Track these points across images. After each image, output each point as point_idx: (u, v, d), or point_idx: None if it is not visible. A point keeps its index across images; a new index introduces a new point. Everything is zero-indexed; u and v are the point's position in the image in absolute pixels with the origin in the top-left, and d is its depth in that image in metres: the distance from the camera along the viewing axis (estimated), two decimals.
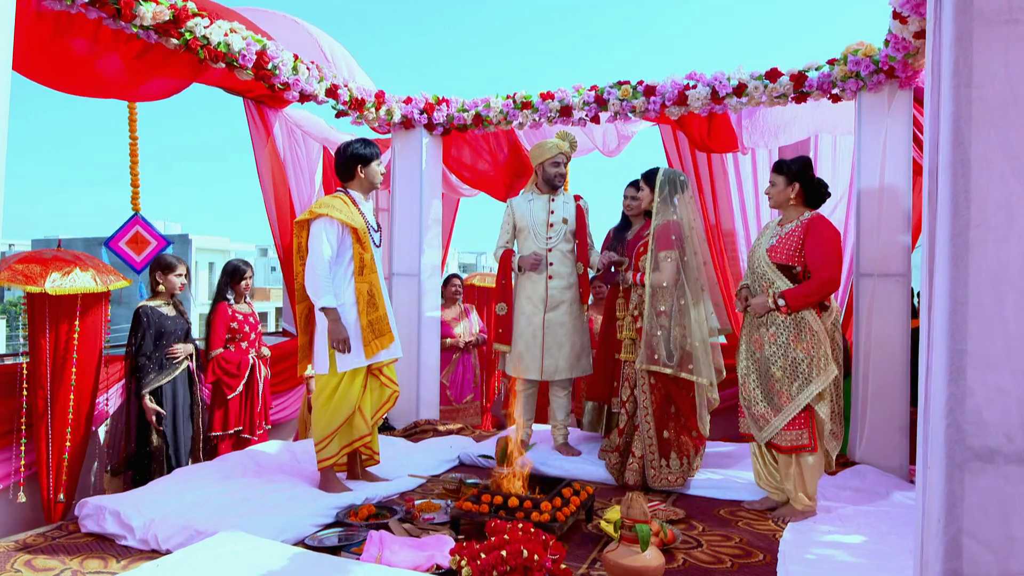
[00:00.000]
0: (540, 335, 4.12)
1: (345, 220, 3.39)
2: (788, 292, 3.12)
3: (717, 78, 4.17)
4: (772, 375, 3.16)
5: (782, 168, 3.28)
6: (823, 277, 3.09)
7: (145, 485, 3.36)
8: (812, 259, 3.13)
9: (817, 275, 3.10)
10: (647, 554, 2.45)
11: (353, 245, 3.44)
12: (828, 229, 3.19)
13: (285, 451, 3.96)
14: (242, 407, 4.44)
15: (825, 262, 3.10)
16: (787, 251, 3.21)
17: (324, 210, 3.38)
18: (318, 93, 4.04)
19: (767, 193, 3.35)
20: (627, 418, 3.75)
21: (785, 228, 3.27)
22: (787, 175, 3.25)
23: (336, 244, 3.40)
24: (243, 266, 4.53)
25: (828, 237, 3.15)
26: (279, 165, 5.49)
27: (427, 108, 4.79)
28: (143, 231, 4.88)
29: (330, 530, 2.93)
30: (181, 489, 3.22)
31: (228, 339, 4.40)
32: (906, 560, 2.76)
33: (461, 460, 4.14)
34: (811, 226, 3.19)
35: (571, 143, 4.18)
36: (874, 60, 3.66)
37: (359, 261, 3.44)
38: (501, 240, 4.34)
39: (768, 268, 3.23)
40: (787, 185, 3.24)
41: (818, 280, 3.10)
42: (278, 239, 5.69)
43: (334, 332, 3.34)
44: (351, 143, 3.53)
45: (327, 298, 3.35)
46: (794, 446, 3.13)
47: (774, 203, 3.33)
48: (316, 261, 3.37)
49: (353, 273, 3.45)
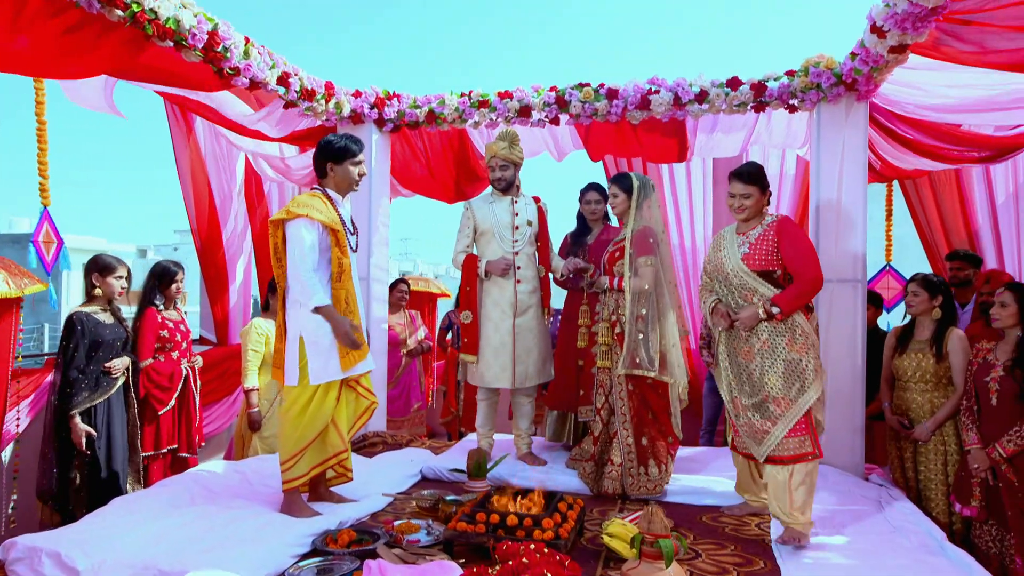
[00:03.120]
0: (510, 341, 3.97)
1: (326, 222, 3.12)
2: (779, 298, 3.02)
3: (679, 84, 4.19)
4: (766, 384, 3.05)
5: (757, 178, 3.16)
6: (809, 276, 3.02)
7: (80, 520, 2.94)
8: (792, 260, 3.06)
9: (803, 275, 3.02)
10: (670, 570, 2.37)
11: (332, 248, 3.17)
12: (798, 228, 3.17)
13: (233, 472, 3.60)
14: (175, 423, 4.02)
15: (807, 261, 3.04)
16: (764, 256, 3.11)
17: (303, 210, 3.10)
18: (269, 80, 3.71)
19: (740, 206, 3.16)
20: (602, 426, 3.68)
21: (753, 233, 3.16)
22: (761, 185, 3.17)
23: (319, 245, 3.13)
24: (173, 268, 4.11)
25: (802, 236, 3.12)
26: (199, 158, 5.07)
27: (377, 103, 4.53)
28: (51, 229, 4.31)
29: (310, 560, 2.66)
30: (127, 523, 2.83)
31: (158, 348, 3.97)
32: (892, 558, 2.84)
33: (424, 475, 3.93)
34: (782, 228, 3.11)
35: (511, 141, 4.00)
36: (835, 73, 3.78)
37: (337, 266, 3.18)
38: (461, 245, 4.13)
39: (749, 277, 3.12)
40: (762, 195, 3.17)
41: (805, 280, 3.02)
42: (197, 236, 5.26)
43: (336, 327, 3.11)
44: (328, 138, 3.26)
45: (318, 296, 3.08)
46: (797, 455, 2.98)
47: (749, 214, 3.17)
48: (299, 263, 3.09)
49: (331, 279, 3.18)
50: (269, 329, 4.36)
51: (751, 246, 3.12)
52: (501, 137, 4.01)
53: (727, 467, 3.93)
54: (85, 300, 3.69)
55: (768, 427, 3.03)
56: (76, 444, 3.40)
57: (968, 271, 4.57)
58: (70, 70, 3.27)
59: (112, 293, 3.69)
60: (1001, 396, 3.22)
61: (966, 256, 4.66)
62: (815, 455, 3.00)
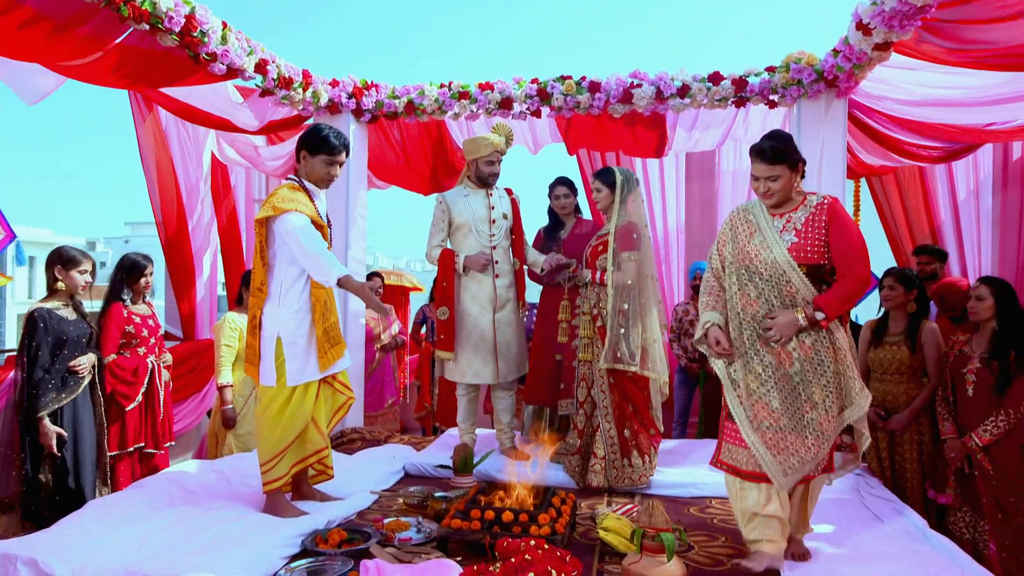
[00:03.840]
0: (491, 336, 3.93)
1: (311, 216, 3.03)
2: (823, 300, 2.48)
3: (661, 78, 4.20)
4: (812, 397, 2.51)
5: (783, 154, 2.55)
6: (860, 274, 2.50)
7: (54, 525, 2.80)
8: (842, 254, 2.51)
9: (851, 272, 2.50)
10: (671, 564, 2.37)
11: None
12: (848, 214, 2.63)
13: (210, 472, 3.49)
14: (142, 420, 3.87)
15: (858, 256, 2.51)
16: (816, 247, 2.53)
17: (290, 205, 2.99)
18: (247, 67, 3.59)
19: (767, 191, 2.60)
20: (586, 419, 3.67)
21: (797, 217, 2.59)
22: (790, 161, 2.56)
23: None
24: (142, 261, 3.95)
25: (853, 225, 2.58)
26: (164, 148, 4.90)
27: (355, 92, 4.43)
28: (1, 223, 4.10)
29: (302, 562, 2.58)
30: (105, 526, 2.71)
31: (123, 344, 3.82)
32: (878, 546, 2.90)
33: (407, 471, 3.87)
34: (835, 213, 2.56)
35: (508, 138, 3.99)
36: (816, 69, 3.83)
37: None
38: (436, 239, 4.04)
39: (794, 273, 2.52)
40: (792, 172, 2.57)
41: (855, 278, 2.50)
42: (163, 230, 5.10)
43: (366, 299, 2.99)
44: (318, 125, 3.15)
45: (337, 268, 2.93)
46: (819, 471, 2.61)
47: (780, 198, 2.61)
48: (303, 246, 2.93)
49: (309, 277, 3.09)
50: (243, 324, 4.23)
51: (799, 233, 2.56)
52: (499, 131, 3.98)
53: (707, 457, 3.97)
54: (46, 295, 3.52)
55: (809, 446, 2.52)
56: (46, 446, 3.24)
57: (935, 265, 4.70)
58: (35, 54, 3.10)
59: (75, 288, 3.53)
60: (978, 387, 3.31)
61: (933, 251, 4.78)
62: (830, 467, 2.69)
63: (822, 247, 2.54)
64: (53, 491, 3.30)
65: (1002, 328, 3.28)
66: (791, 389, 2.53)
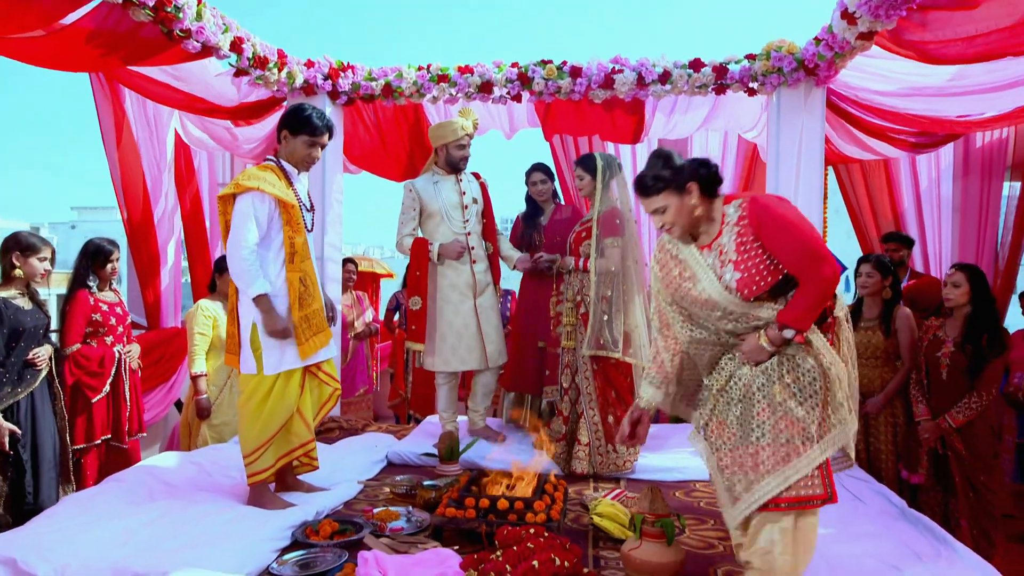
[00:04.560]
0: (474, 323, 3.90)
1: (278, 196, 2.92)
2: (786, 316, 2.06)
3: (642, 64, 4.19)
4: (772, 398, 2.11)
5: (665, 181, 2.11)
6: (823, 274, 2.03)
7: (28, 523, 2.68)
8: (790, 258, 2.05)
9: (812, 275, 2.04)
10: (671, 549, 2.38)
11: (284, 227, 2.97)
12: (779, 207, 2.10)
13: (188, 464, 3.39)
14: (109, 411, 3.73)
15: (811, 255, 2.04)
16: (763, 270, 2.08)
17: (253, 182, 2.89)
18: (222, 45, 3.46)
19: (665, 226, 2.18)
20: (570, 406, 3.68)
21: (726, 244, 2.13)
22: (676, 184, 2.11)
23: (265, 224, 2.93)
24: (108, 246, 3.80)
25: (790, 220, 2.07)
26: (128, 131, 4.71)
27: (331, 74, 4.32)
28: None
29: (294, 554, 2.53)
30: (83, 523, 2.60)
31: (89, 333, 3.67)
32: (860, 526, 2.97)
33: (390, 460, 3.82)
34: (758, 218, 2.08)
35: (474, 122, 3.95)
36: (796, 58, 3.87)
37: (290, 246, 2.98)
38: (407, 227, 3.95)
39: (751, 308, 2.11)
40: (681, 196, 2.12)
41: (818, 281, 2.03)
42: (127, 216, 4.90)
43: (268, 323, 2.88)
44: (300, 106, 3.05)
45: (258, 284, 2.87)
46: (798, 497, 2.05)
47: (680, 231, 2.18)
48: (239, 242, 2.86)
49: (284, 260, 2.99)
50: (217, 311, 4.12)
51: (738, 264, 2.10)
52: (465, 115, 3.92)
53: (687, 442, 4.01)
54: (1, 282, 3.35)
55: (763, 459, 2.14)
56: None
57: (903, 252, 4.83)
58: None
59: (34, 275, 3.36)
60: (951, 370, 3.42)
61: (901, 238, 4.91)
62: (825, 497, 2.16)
63: (770, 265, 2.08)
64: (10, 492, 3.16)
65: (976, 313, 3.39)
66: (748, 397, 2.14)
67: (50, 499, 3.27)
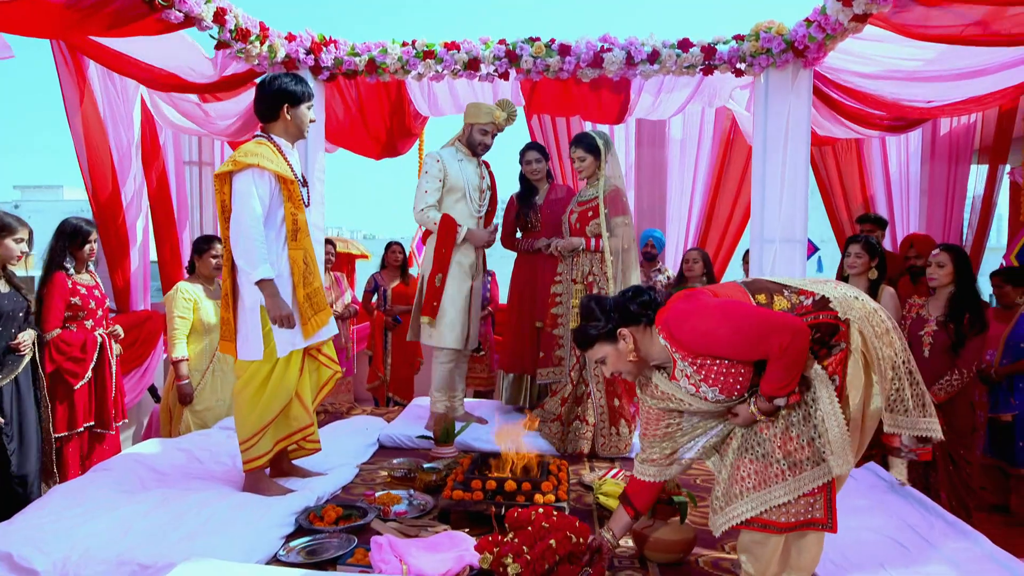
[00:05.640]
0: (468, 303, 3.89)
1: (278, 171, 2.83)
2: (767, 389, 1.95)
3: (631, 43, 4.15)
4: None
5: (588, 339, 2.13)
6: (779, 345, 1.86)
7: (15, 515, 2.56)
8: (731, 353, 1.94)
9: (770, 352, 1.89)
10: (684, 526, 2.41)
11: (285, 203, 2.89)
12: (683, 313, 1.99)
13: (176, 451, 3.29)
14: (91, 398, 3.60)
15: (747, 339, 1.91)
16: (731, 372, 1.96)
17: (252, 159, 2.79)
18: (204, 16, 3.31)
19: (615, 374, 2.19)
20: (571, 387, 3.67)
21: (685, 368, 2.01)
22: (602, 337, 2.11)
23: (268, 201, 2.84)
24: (86, 226, 3.64)
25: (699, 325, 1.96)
26: (94, 109, 4.51)
27: (314, 48, 4.18)
28: None
29: (300, 540, 2.48)
30: (78, 514, 2.50)
31: (68, 317, 3.52)
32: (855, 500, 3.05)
33: (382, 443, 3.77)
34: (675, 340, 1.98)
35: (510, 115, 3.92)
36: (785, 39, 3.89)
37: (292, 223, 2.91)
38: (431, 198, 3.82)
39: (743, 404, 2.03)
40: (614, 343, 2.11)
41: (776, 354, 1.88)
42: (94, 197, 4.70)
43: (274, 308, 2.79)
44: (277, 76, 2.94)
45: (263, 268, 2.78)
46: (797, 522, 1.98)
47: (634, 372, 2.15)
48: (247, 222, 2.77)
49: (286, 238, 2.91)
50: (197, 293, 3.99)
51: (710, 381, 1.98)
52: (503, 107, 3.91)
53: None
54: None
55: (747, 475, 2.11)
56: None
57: (877, 233, 4.94)
58: None
59: (10, 257, 3.21)
60: (934, 348, 3.52)
61: (875, 219, 5.03)
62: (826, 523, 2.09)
63: (731, 368, 1.96)
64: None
65: (959, 293, 3.49)
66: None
67: (36, 490, 3.15)
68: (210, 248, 4.05)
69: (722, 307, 1.98)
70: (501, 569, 2.15)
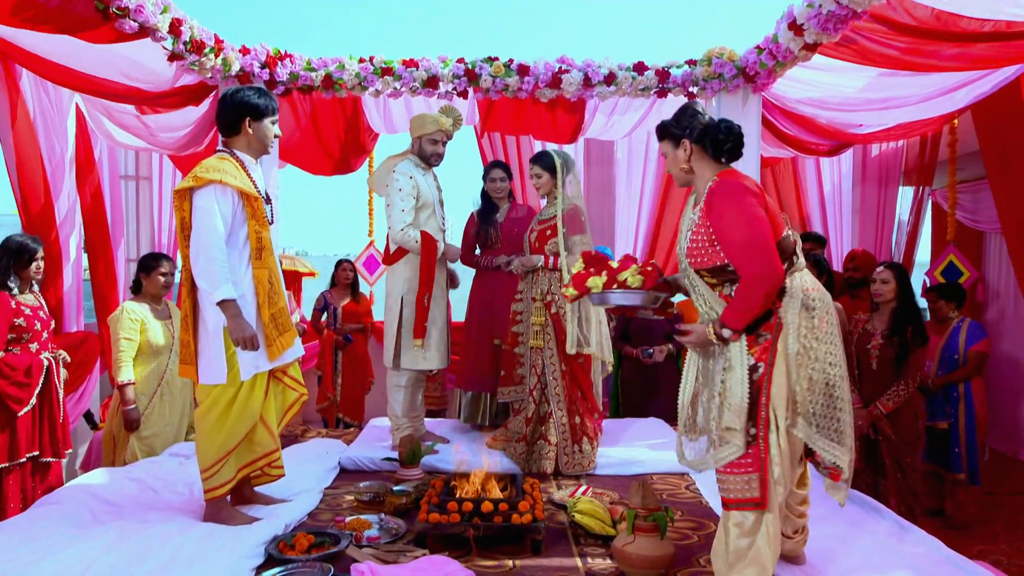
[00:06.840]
0: (446, 321, 3.93)
1: (241, 188, 2.74)
2: (726, 315, 2.14)
3: (588, 65, 4.25)
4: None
5: (662, 130, 2.37)
6: (751, 273, 2.07)
7: None
8: (727, 250, 2.13)
9: (742, 273, 2.10)
10: (665, 543, 2.44)
11: (249, 221, 2.80)
12: (734, 194, 2.15)
13: (127, 480, 3.12)
14: (36, 425, 3.38)
15: (740, 251, 2.09)
16: (705, 245, 2.19)
17: (214, 175, 2.69)
18: (160, 27, 3.19)
19: (668, 171, 2.56)
20: (534, 406, 3.67)
21: (697, 209, 2.27)
22: (670, 136, 2.34)
23: (230, 219, 2.74)
24: (32, 244, 3.46)
25: (733, 211, 2.12)
26: (27, 119, 4.27)
27: (269, 62, 4.09)
28: None
29: (271, 571, 2.38)
30: (30, 552, 2.34)
31: (12, 339, 3.31)
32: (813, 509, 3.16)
33: (343, 466, 3.67)
34: (711, 198, 2.17)
35: (455, 120, 3.88)
36: (737, 65, 4.05)
37: (256, 241, 2.82)
38: (409, 216, 3.71)
39: (698, 282, 2.26)
40: (675, 147, 2.32)
41: (746, 280, 2.09)
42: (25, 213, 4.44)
43: (236, 329, 2.69)
44: (240, 89, 2.85)
45: (225, 288, 2.68)
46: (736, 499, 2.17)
47: (679, 180, 2.39)
48: (208, 240, 2.67)
49: (250, 256, 2.82)
50: (144, 314, 3.82)
51: (694, 234, 2.23)
52: (447, 112, 3.85)
53: (640, 435, 4.13)
54: None
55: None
56: None
57: (818, 250, 5.17)
58: None
59: None
60: (880, 361, 3.69)
61: (816, 237, 5.27)
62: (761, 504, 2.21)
63: (713, 245, 2.16)
64: None
65: (901, 307, 3.67)
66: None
67: None
68: (158, 266, 3.89)
69: (749, 217, 2.13)
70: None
